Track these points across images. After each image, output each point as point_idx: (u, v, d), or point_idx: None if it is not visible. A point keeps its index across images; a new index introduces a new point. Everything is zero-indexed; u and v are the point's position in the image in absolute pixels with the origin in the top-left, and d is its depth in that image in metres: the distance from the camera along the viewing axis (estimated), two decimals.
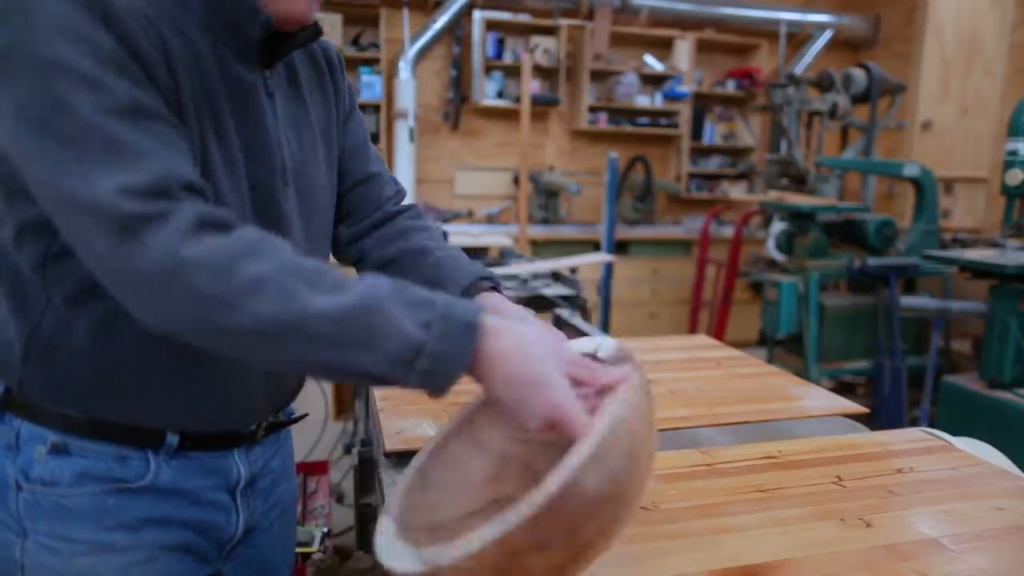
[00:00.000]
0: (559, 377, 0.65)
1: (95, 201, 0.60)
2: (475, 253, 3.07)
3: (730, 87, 5.91)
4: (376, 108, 5.04)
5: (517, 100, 5.22)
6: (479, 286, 0.93)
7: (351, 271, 0.99)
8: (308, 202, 0.90)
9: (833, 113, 4.07)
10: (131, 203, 0.60)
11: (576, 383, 0.67)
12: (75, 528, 0.78)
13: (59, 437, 0.78)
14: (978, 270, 2.78)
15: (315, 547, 1.93)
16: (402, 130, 4.91)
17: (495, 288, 0.94)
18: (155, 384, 0.79)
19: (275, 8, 0.75)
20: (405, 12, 4.97)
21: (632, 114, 5.73)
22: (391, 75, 5.04)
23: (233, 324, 0.61)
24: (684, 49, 5.61)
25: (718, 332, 4.90)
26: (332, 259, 1.05)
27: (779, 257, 3.78)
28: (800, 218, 3.72)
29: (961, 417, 2.75)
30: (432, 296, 0.66)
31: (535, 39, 5.35)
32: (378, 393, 1.31)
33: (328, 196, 0.97)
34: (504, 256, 3.19)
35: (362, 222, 1.04)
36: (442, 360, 0.63)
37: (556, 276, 2.82)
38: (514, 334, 0.66)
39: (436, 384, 0.64)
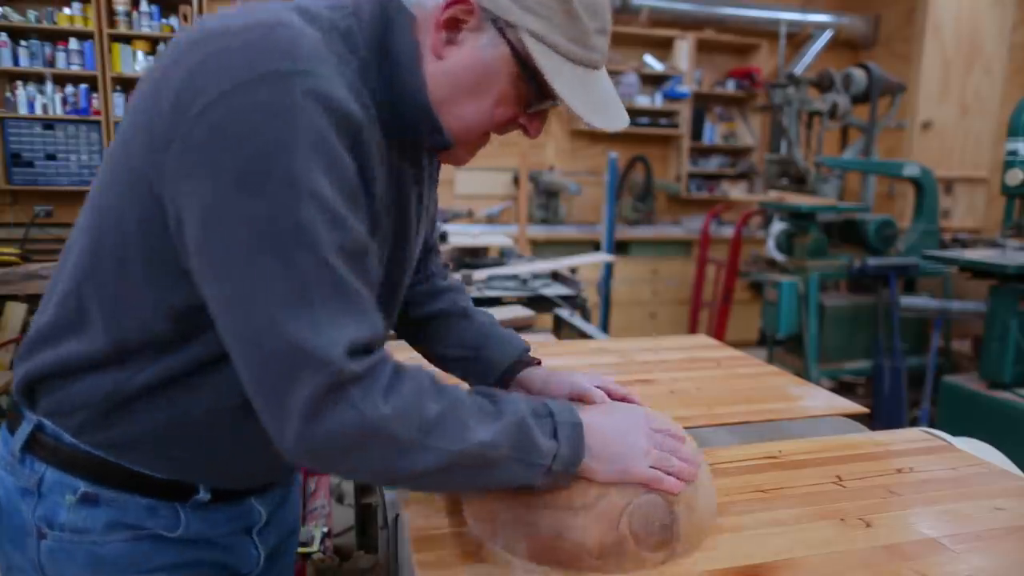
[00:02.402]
0: (642, 447, 0.79)
1: (322, 354, 0.59)
2: (475, 253, 3.07)
3: (730, 87, 5.91)
4: None
5: None
6: (526, 359, 1.01)
7: None
8: (406, 277, 0.92)
9: (833, 113, 4.06)
10: (355, 364, 0.61)
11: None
12: (110, 573, 0.77)
13: (91, 487, 0.76)
14: (978, 270, 2.78)
15: (315, 547, 1.93)
16: None
17: (537, 360, 1.03)
18: (210, 450, 0.79)
19: (452, 129, 0.76)
20: None
21: (632, 114, 5.72)
22: None
23: (421, 463, 0.65)
24: (684, 49, 5.61)
25: (718, 332, 4.90)
26: None
27: (779, 257, 3.77)
28: (800, 218, 3.72)
29: (961, 417, 2.75)
30: (547, 405, 0.76)
31: None
32: None
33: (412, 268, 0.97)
34: (504, 256, 3.19)
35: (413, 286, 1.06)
36: (569, 461, 0.75)
37: (556, 276, 2.82)
38: (602, 422, 0.80)
39: (563, 479, 0.76)
